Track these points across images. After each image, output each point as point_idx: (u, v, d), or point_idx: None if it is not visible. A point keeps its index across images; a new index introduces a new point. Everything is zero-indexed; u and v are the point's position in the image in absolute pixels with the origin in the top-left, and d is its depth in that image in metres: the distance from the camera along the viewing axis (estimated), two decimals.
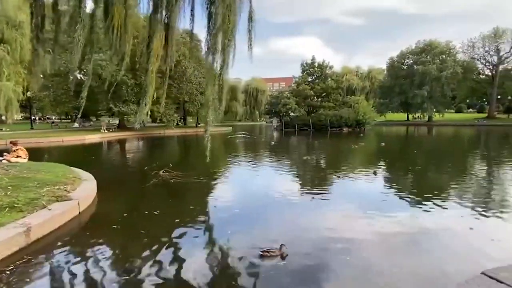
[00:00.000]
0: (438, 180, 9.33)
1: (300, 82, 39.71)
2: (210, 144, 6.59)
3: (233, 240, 4.47)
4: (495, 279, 2.57)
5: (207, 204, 6.54)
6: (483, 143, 23.95)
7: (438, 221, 5.21)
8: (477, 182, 8.61)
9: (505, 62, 55.07)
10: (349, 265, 3.68)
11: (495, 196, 6.95)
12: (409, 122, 59.42)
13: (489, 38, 54.00)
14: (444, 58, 52.63)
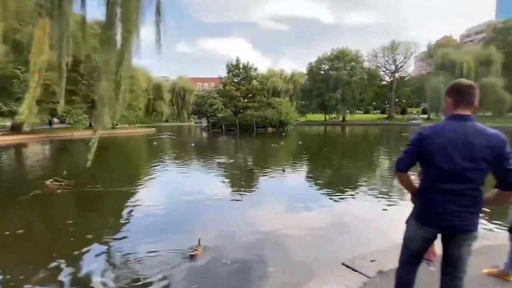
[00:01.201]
0: (347, 174, 10.30)
1: (226, 82, 39.79)
2: (95, 147, 5.91)
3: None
4: (351, 268, 2.80)
5: (98, 216, 5.85)
6: (385, 140, 27.77)
7: (350, 211, 5.71)
8: (382, 175, 9.82)
9: (400, 71, 65.09)
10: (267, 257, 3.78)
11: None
12: (326, 122, 65.22)
13: (387, 50, 62.96)
14: (353, 65, 59.35)
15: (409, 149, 1.76)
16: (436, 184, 1.70)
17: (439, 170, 1.68)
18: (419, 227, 1.77)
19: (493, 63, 41.03)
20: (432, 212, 1.72)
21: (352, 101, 58.81)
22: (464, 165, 1.60)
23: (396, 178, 1.88)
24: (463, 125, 1.65)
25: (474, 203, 1.64)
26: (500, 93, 39.83)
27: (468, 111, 1.69)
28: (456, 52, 45.17)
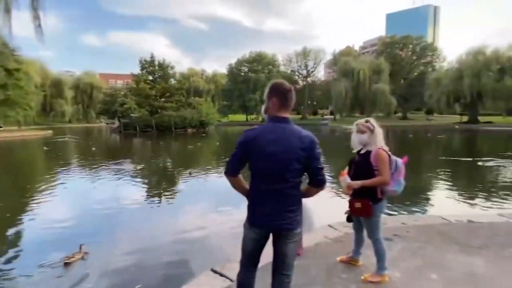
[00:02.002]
0: None
1: (139, 80, 36.99)
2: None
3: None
4: (218, 273, 2.70)
5: None
6: None
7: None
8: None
9: (311, 75, 71.41)
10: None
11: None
12: (247, 122, 67.12)
13: (300, 56, 68.27)
14: (271, 68, 62.57)
15: (235, 152, 1.73)
16: (259, 185, 1.71)
17: (260, 171, 1.68)
18: (248, 228, 1.76)
19: (383, 72, 48.53)
20: (257, 213, 1.72)
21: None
22: (281, 166, 1.63)
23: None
24: (283, 127, 1.67)
25: (293, 202, 1.68)
26: (388, 97, 47.38)
27: (287, 114, 1.73)
28: (355, 61, 51.90)
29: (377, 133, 2.47)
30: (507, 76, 37.71)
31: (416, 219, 4.04)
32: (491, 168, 10.29)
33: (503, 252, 3.02)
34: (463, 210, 5.37)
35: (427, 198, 6.90)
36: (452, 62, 46.21)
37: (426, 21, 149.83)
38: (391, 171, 2.41)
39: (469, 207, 5.67)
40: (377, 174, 2.39)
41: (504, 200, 6.20)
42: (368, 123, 2.51)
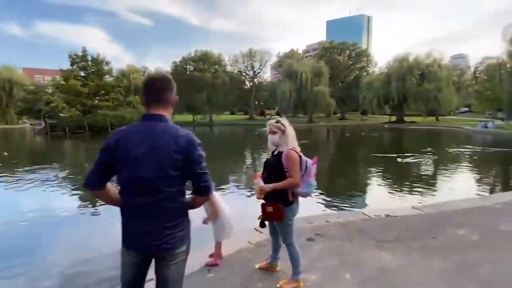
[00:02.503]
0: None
1: (69, 76, 33.32)
2: None
3: None
4: None
5: None
6: (245, 139, 30.04)
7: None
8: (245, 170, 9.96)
9: (258, 76, 72.48)
10: None
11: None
12: (194, 122, 65.42)
13: (246, 56, 68.78)
14: (217, 68, 61.88)
15: (97, 160, 1.39)
16: (127, 198, 1.40)
17: (126, 181, 1.38)
18: (124, 251, 1.44)
19: (323, 75, 51.33)
20: (129, 233, 1.42)
21: (217, 102, 61.08)
22: (151, 174, 1.34)
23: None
24: (152, 127, 1.38)
25: (172, 216, 1.40)
26: (328, 99, 50.28)
27: (161, 110, 1.43)
28: (298, 64, 54.05)
29: (288, 134, 2.35)
30: (426, 81, 42.95)
31: (339, 216, 4.12)
32: (411, 164, 11.41)
33: (412, 245, 3.18)
34: (383, 204, 5.73)
35: (354, 194, 7.27)
36: (382, 68, 50.96)
37: (361, 29, 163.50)
38: (301, 172, 2.30)
39: (389, 201, 6.09)
40: (288, 176, 2.26)
41: (418, 193, 6.82)
42: (279, 123, 2.37)
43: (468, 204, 4.56)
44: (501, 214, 4.12)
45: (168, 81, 1.48)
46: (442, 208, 4.40)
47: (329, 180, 8.96)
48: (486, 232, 3.51)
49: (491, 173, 10.55)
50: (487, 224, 3.77)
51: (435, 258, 2.88)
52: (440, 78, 41.96)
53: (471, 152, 15.34)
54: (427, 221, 3.88)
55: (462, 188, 7.59)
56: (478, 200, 4.81)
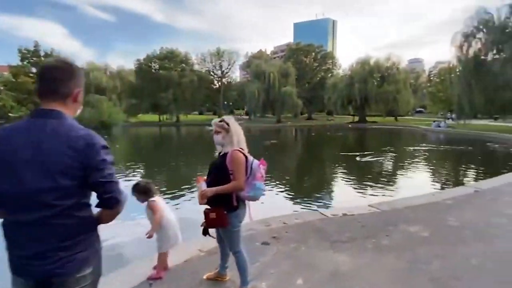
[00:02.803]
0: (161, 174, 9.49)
1: (18, 73, 30.54)
2: None
3: None
4: None
5: None
6: (211, 139, 29.47)
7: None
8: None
9: (226, 76, 71.91)
10: None
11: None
12: (160, 123, 63.29)
13: (214, 56, 67.97)
14: (184, 67, 60.40)
15: None
16: (8, 215, 1.13)
17: (5, 194, 1.10)
18: (14, 278, 1.16)
19: (290, 76, 52.17)
20: (15, 257, 1.14)
21: (184, 102, 59.62)
22: (36, 185, 1.07)
23: None
24: (41, 125, 1.11)
25: (67, 235, 1.14)
26: (295, 99, 51.19)
27: (55, 104, 1.16)
28: (266, 64, 54.41)
29: (233, 133, 2.16)
30: (386, 83, 45.36)
31: (297, 216, 4.03)
32: (371, 162, 11.82)
33: (366, 244, 3.15)
34: (343, 203, 5.78)
35: (315, 194, 7.30)
36: (346, 70, 52.93)
37: (326, 32, 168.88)
38: (247, 175, 2.13)
39: (348, 200, 6.16)
40: (232, 179, 2.07)
41: (376, 191, 7.01)
42: (223, 122, 2.18)
43: (420, 201, 4.71)
44: (450, 210, 4.28)
45: (67, 68, 1.19)
46: (397, 205, 4.49)
47: (291, 179, 8.96)
48: (436, 228, 3.60)
49: (444, 170, 11.25)
50: (437, 220, 3.88)
51: (388, 257, 2.86)
52: (398, 81, 44.51)
53: (426, 150, 16.32)
54: (382, 219, 3.92)
55: (416, 185, 7.95)
56: (430, 196, 4.99)
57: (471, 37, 25.26)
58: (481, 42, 25.00)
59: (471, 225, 3.64)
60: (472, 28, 25.14)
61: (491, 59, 24.70)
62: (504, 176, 6.55)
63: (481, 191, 5.24)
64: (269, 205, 5.81)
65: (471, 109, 26.07)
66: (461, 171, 10.84)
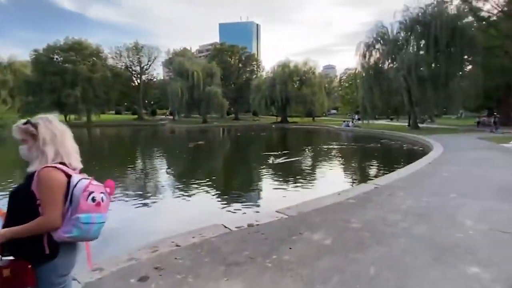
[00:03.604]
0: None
1: None
2: None
3: None
4: None
5: None
6: (121, 142, 26.70)
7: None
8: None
9: (146, 73, 66.91)
10: None
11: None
12: (68, 123, 55.18)
13: (132, 50, 62.53)
14: (95, 60, 53.83)
15: None
16: None
17: None
18: None
19: (215, 75, 51.43)
20: None
21: (95, 100, 53.18)
22: None
23: None
24: None
25: None
26: (221, 99, 50.75)
27: None
28: (189, 62, 52.49)
29: (45, 141, 1.41)
30: (304, 86, 48.66)
31: (195, 234, 3.42)
32: (289, 163, 12.06)
33: (266, 263, 2.76)
34: (252, 210, 5.46)
35: (224, 203, 6.65)
36: (269, 72, 54.92)
37: (251, 35, 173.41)
38: (66, 205, 1.37)
39: (261, 205, 5.90)
40: (41, 212, 1.35)
41: (288, 192, 6.95)
42: (27, 124, 1.42)
43: (327, 202, 4.65)
44: (353, 210, 4.29)
45: None
46: (304, 208, 4.31)
47: (209, 184, 8.37)
48: (339, 232, 3.47)
49: (351, 167, 12.20)
50: (341, 222, 3.79)
51: (286, 277, 2.50)
52: (314, 84, 48.21)
53: (338, 148, 17.72)
54: (288, 226, 3.63)
55: (327, 184, 8.25)
56: (336, 196, 5.01)
57: (372, 47, 28.74)
58: (379, 52, 28.69)
59: (370, 226, 3.62)
60: (372, 39, 28.62)
61: (387, 68, 28.56)
62: (397, 172, 7.21)
63: (380, 187, 5.55)
64: (169, 221, 5.11)
65: (372, 110, 29.72)
66: (365, 167, 11.91)
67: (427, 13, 25.12)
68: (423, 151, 13.95)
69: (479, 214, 4.01)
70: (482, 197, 4.89)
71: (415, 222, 3.69)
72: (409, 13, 26.08)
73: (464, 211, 4.13)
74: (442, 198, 4.79)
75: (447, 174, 6.73)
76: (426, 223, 3.68)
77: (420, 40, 25.64)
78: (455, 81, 24.37)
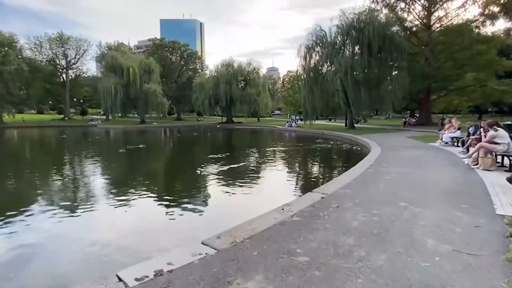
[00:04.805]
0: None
1: None
2: None
3: None
4: None
5: None
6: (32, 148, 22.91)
7: None
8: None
9: (74, 68, 59.60)
10: None
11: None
12: None
13: (55, 42, 55.07)
14: (8, 51, 45.93)
15: None
16: None
17: None
18: None
19: (154, 72, 47.96)
20: None
21: (8, 97, 45.49)
22: None
23: None
24: None
25: None
26: (160, 98, 47.53)
27: None
28: (124, 57, 48.10)
29: None
30: (248, 86, 48.30)
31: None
32: (231, 169, 11.08)
33: None
34: (172, 245, 4.31)
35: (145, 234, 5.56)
36: (213, 71, 53.30)
37: (194, 33, 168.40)
38: None
39: (179, 237, 4.76)
40: None
41: (223, 212, 5.95)
42: None
43: (267, 223, 3.75)
44: (299, 233, 3.46)
45: None
46: (238, 235, 3.34)
47: (108, 204, 6.90)
48: (281, 275, 2.57)
49: (295, 171, 11.70)
50: (284, 256, 2.91)
51: None
52: (258, 84, 48.20)
53: (281, 150, 17.35)
54: (213, 270, 2.61)
55: (268, 196, 7.46)
56: (277, 214, 4.14)
57: (312, 50, 29.42)
58: (319, 54, 29.50)
59: (320, 259, 2.81)
60: (312, 42, 29.30)
61: (326, 70, 29.52)
62: (342, 176, 6.74)
63: (327, 197, 4.88)
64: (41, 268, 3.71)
65: (313, 111, 30.51)
66: (310, 171, 11.52)
67: (360, 20, 26.54)
68: (361, 151, 14.28)
69: (437, 229, 3.52)
70: (432, 204, 4.52)
71: (372, 248, 3.00)
72: (345, 17, 27.31)
73: (420, 226, 3.61)
74: (393, 209, 4.28)
75: (390, 177, 6.46)
76: (384, 248, 3.01)
77: (355, 45, 26.97)
78: (385, 84, 26.20)
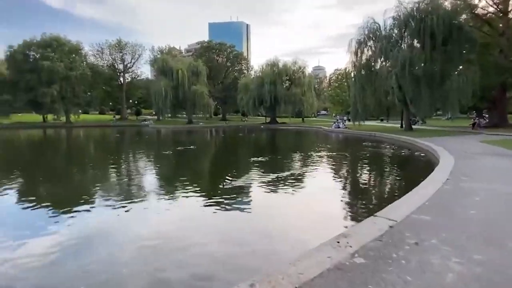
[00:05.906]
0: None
1: None
2: None
3: None
4: None
5: None
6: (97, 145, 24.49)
7: None
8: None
9: (130, 71, 64.09)
10: None
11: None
12: (46, 124, 52.13)
13: (114, 48, 59.70)
14: (75, 58, 50.92)
15: None
16: None
17: None
18: None
19: (201, 74, 49.25)
20: None
21: (74, 99, 50.31)
22: None
23: None
24: None
25: None
26: (207, 99, 48.62)
27: None
28: (174, 60, 50.16)
29: None
30: (293, 85, 46.99)
31: None
32: (272, 182, 10.23)
33: None
34: None
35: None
36: (257, 71, 53.03)
37: (240, 34, 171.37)
38: None
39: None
40: None
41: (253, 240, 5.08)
42: None
43: (319, 265, 2.82)
44: (358, 283, 2.46)
45: None
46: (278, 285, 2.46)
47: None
48: None
49: (349, 184, 10.42)
50: None
51: None
52: (304, 84, 46.60)
53: (330, 153, 16.01)
54: None
55: (319, 217, 6.39)
56: (331, 250, 3.17)
57: (364, 45, 27.21)
58: (371, 49, 27.17)
59: None
60: (364, 36, 27.09)
61: (379, 66, 27.07)
62: (413, 193, 5.36)
63: (397, 225, 3.74)
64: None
65: (364, 110, 28.20)
66: (366, 184, 9.39)
67: (421, 9, 23.74)
68: (426, 159, 12.30)
69: None
70: None
71: None
72: (403, 8, 24.69)
73: None
74: (503, 252, 3.02)
75: (479, 198, 4.98)
76: None
77: (415, 37, 24.22)
78: (451, 80, 23.04)
